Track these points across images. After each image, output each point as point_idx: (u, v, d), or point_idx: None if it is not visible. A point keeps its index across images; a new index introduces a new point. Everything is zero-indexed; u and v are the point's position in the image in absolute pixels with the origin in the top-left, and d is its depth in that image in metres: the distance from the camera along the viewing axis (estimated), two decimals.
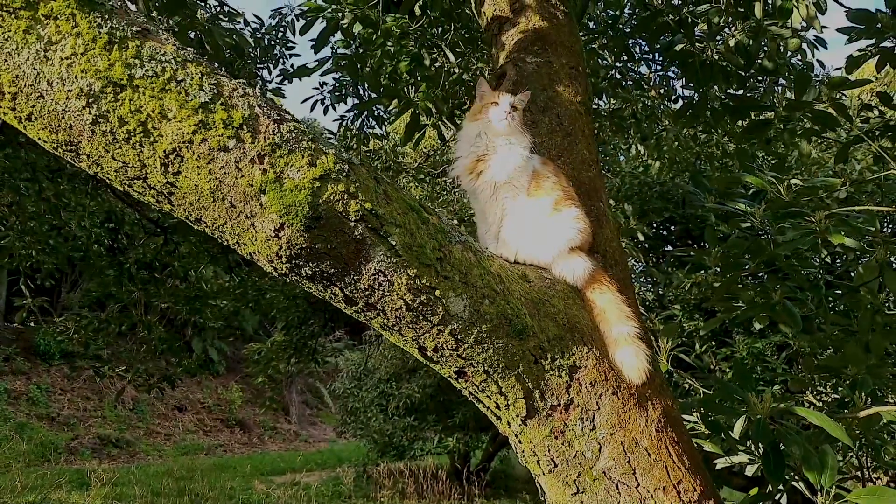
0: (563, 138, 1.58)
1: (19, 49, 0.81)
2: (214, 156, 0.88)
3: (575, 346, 1.20)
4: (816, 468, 1.50)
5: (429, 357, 1.11)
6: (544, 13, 1.83)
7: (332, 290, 1.00)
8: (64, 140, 0.86)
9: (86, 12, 0.84)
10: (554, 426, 1.17)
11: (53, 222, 6.87)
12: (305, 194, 0.91)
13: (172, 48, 0.89)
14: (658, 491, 1.17)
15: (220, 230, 0.94)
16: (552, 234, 1.27)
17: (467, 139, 1.34)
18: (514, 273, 1.20)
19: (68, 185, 6.74)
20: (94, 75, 0.82)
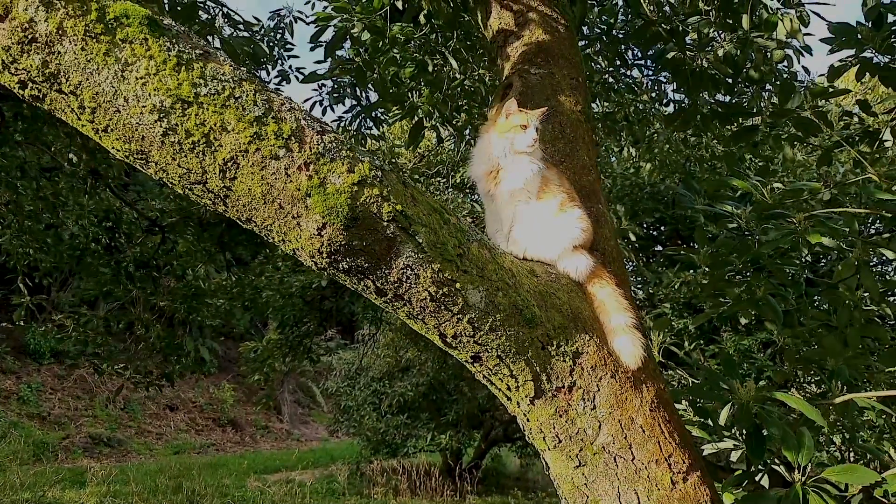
0: (566, 145, 1.72)
1: (100, 69, 0.93)
2: (267, 163, 1.00)
3: (578, 334, 1.33)
4: (794, 448, 1.64)
5: (448, 343, 1.24)
6: (546, 27, 1.97)
7: (365, 283, 1.13)
8: (136, 149, 0.98)
9: (156, 37, 0.96)
10: (558, 406, 1.30)
11: (51, 221, 6.92)
12: (345, 197, 1.03)
13: (230, 68, 1.01)
14: (651, 463, 1.30)
15: (268, 229, 1.06)
16: (558, 233, 1.40)
17: (487, 148, 1.46)
18: (523, 268, 1.34)
19: (66, 184, 6.80)
20: (166, 93, 0.94)
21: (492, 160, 1.44)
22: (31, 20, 0.89)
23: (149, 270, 7.00)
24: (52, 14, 0.90)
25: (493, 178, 1.43)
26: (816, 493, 1.60)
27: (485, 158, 1.46)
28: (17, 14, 0.89)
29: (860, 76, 2.74)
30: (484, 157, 1.47)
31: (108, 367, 6.39)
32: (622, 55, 3.90)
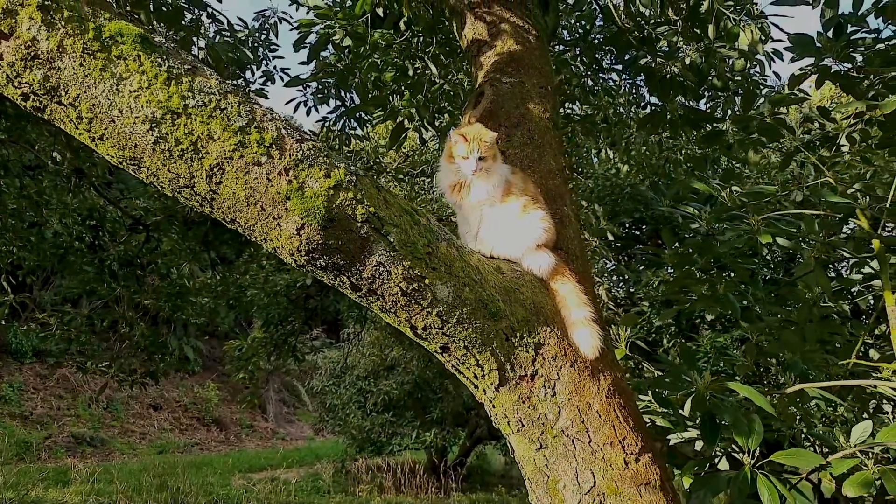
0: (534, 150, 1.82)
1: (96, 83, 1.02)
2: (250, 169, 1.10)
3: (540, 326, 1.44)
4: (744, 433, 1.76)
5: (419, 335, 1.34)
6: (518, 37, 2.07)
7: (341, 279, 1.23)
8: (129, 156, 1.07)
9: (148, 53, 1.05)
10: (521, 393, 1.41)
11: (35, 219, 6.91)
12: (322, 200, 1.13)
13: (216, 82, 1.11)
14: (606, 445, 1.42)
15: (251, 229, 1.16)
16: (522, 233, 1.51)
17: (447, 170, 1.58)
18: (489, 266, 1.44)
19: (50, 183, 6.80)
20: (157, 105, 1.04)
21: (455, 176, 1.55)
22: (33, 38, 0.98)
23: (133, 269, 7.03)
24: (52, 33, 0.99)
25: (459, 191, 1.54)
26: (764, 476, 1.72)
27: (449, 175, 1.58)
28: (20, 33, 0.98)
29: (819, 84, 2.88)
30: (448, 174, 1.58)
31: (93, 366, 6.41)
32: (598, 60, 4.02)
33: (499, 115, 1.87)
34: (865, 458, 1.94)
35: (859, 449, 1.96)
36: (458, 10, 2.16)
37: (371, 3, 2.69)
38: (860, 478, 1.83)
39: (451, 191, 1.57)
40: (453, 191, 1.56)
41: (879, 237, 2.20)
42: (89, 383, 17.79)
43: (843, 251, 2.64)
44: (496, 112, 1.87)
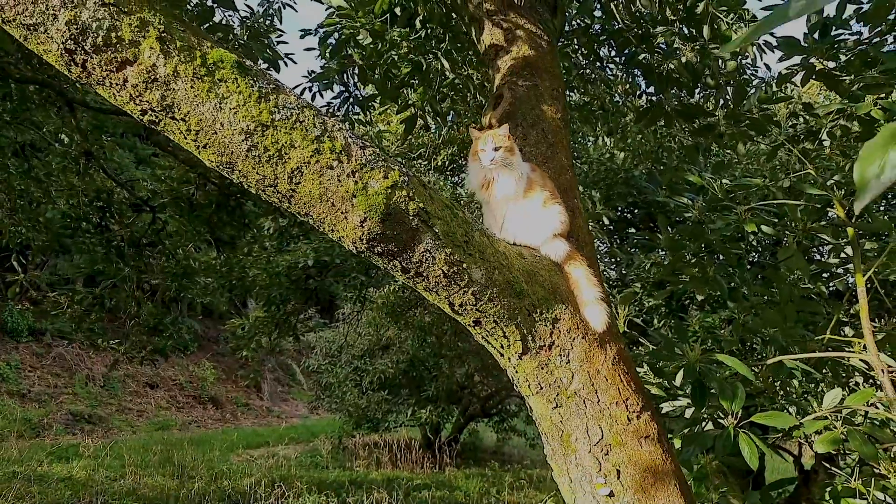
0: (547, 148, 2.05)
1: (203, 102, 1.23)
2: (323, 172, 1.32)
3: (556, 304, 1.68)
4: (729, 398, 2.02)
5: (455, 310, 1.58)
6: (532, 43, 2.29)
7: (394, 263, 1.46)
8: (226, 161, 1.29)
9: (243, 76, 1.26)
10: (541, 360, 1.66)
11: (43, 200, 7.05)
12: (382, 198, 1.36)
13: (294, 98, 1.33)
14: (612, 404, 1.67)
15: (321, 221, 1.38)
16: (542, 224, 1.74)
17: (475, 170, 1.82)
18: (514, 252, 1.68)
19: (58, 165, 6.94)
20: (251, 119, 1.25)
21: (482, 175, 1.79)
22: (153, 65, 1.19)
23: (139, 249, 7.20)
24: (169, 60, 1.20)
25: (486, 188, 1.78)
26: (745, 433, 1.99)
27: (477, 175, 1.81)
28: (143, 60, 1.19)
29: (805, 82, 3.11)
30: (476, 174, 1.82)
31: (104, 343, 6.61)
32: (597, 53, 4.23)
33: (516, 116, 2.09)
34: (835, 421, 2.22)
35: (830, 412, 2.22)
36: (476, 17, 2.36)
37: (389, 1, 2.88)
38: (829, 436, 2.10)
39: (479, 189, 1.80)
40: (482, 188, 1.79)
41: (853, 224, 2.45)
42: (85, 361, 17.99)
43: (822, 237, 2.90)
44: (514, 113, 2.10)
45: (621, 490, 1.64)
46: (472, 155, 1.87)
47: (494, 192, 1.80)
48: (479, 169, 1.83)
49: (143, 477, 9.06)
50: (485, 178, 1.80)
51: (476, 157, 1.84)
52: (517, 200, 1.76)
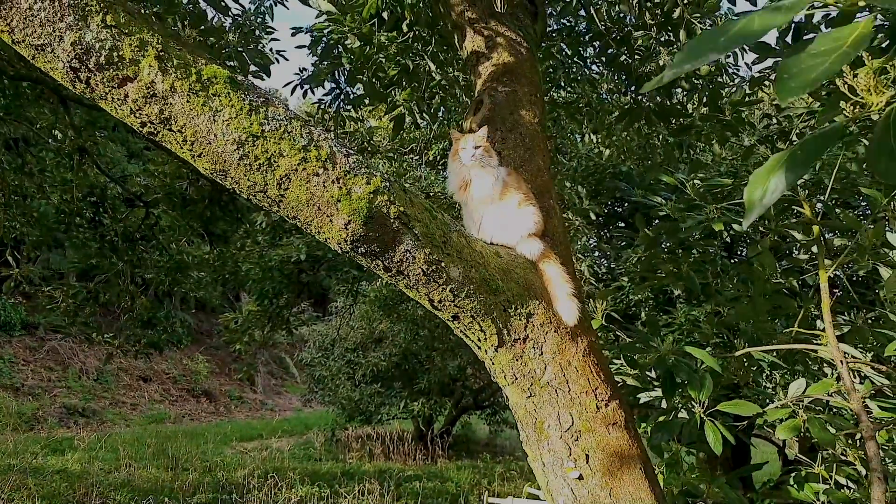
0: (525, 151, 2.16)
1: (198, 115, 1.33)
2: (310, 179, 1.43)
3: (531, 300, 1.79)
4: (696, 387, 2.15)
5: (435, 306, 1.69)
6: (511, 50, 2.39)
7: (376, 262, 1.56)
8: (219, 169, 1.39)
9: (235, 90, 1.36)
10: (515, 352, 1.77)
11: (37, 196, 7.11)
12: (364, 202, 1.46)
13: (283, 110, 1.43)
14: (582, 394, 1.79)
15: (308, 224, 1.49)
16: (517, 225, 1.86)
17: (455, 172, 1.93)
18: (490, 251, 1.79)
19: (52, 160, 7.00)
20: (242, 131, 1.36)
21: (461, 177, 1.90)
22: (152, 81, 1.29)
23: (133, 244, 7.28)
24: (166, 77, 1.30)
25: (464, 189, 1.89)
26: (710, 420, 2.12)
27: (456, 176, 1.92)
28: (142, 77, 1.29)
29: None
30: (455, 175, 1.93)
31: (99, 337, 6.69)
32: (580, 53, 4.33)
33: (496, 121, 2.20)
34: (799, 409, 2.35)
35: (793, 401, 2.35)
36: (459, 24, 2.47)
37: (377, 6, 2.97)
38: (790, 423, 2.24)
39: (458, 191, 1.91)
40: (460, 190, 1.91)
41: (818, 223, 2.58)
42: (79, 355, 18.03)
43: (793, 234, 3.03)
44: (493, 118, 2.20)
45: (590, 473, 1.76)
46: (453, 155, 1.99)
47: (472, 193, 1.91)
48: (458, 170, 1.94)
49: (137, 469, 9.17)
50: (463, 180, 1.91)
51: (456, 157, 1.95)
52: (494, 202, 1.87)
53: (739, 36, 0.52)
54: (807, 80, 0.46)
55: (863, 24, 0.50)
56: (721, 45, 0.53)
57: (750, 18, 0.52)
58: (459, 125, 7.75)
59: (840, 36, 0.51)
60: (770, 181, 0.63)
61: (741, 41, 0.52)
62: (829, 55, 0.48)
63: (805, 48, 0.51)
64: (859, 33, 0.49)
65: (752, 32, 0.51)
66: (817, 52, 0.49)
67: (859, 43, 0.49)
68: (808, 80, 0.46)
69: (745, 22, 0.52)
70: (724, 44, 0.52)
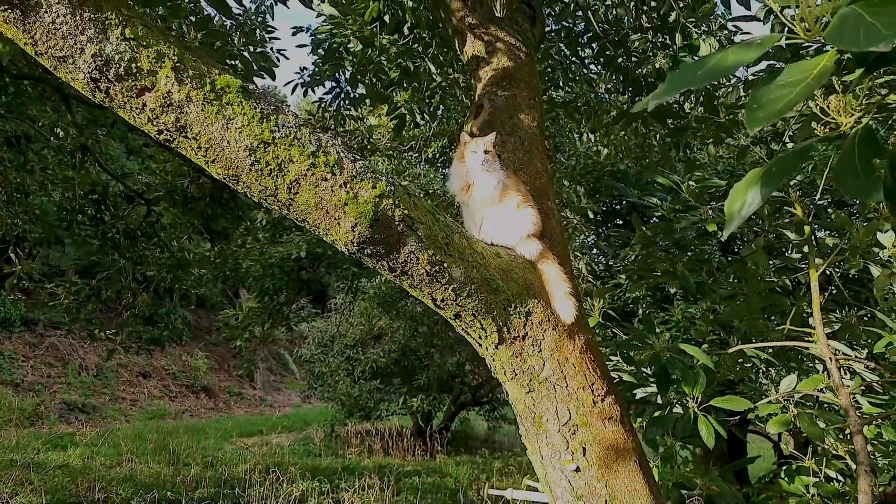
0: (524, 154, 2.22)
1: (212, 123, 1.39)
2: (319, 183, 1.49)
3: (529, 299, 1.86)
4: (690, 383, 2.22)
5: (437, 305, 1.76)
6: (510, 55, 2.45)
7: (381, 263, 1.63)
8: (231, 174, 1.45)
9: (247, 99, 1.42)
10: (515, 350, 1.84)
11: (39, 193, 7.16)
12: (371, 206, 1.53)
13: (292, 118, 1.49)
14: (579, 389, 1.86)
15: (316, 226, 1.55)
16: (516, 226, 1.92)
17: (458, 174, 1.99)
18: (491, 252, 1.85)
19: (54, 158, 7.04)
20: (254, 138, 1.42)
21: (464, 178, 1.96)
22: (168, 91, 1.35)
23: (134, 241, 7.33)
24: (182, 87, 1.36)
25: (466, 191, 1.95)
26: (703, 415, 2.19)
27: (459, 178, 1.98)
28: (160, 87, 1.35)
29: None
30: (458, 177, 1.99)
31: (101, 333, 6.76)
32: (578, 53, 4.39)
33: (495, 125, 2.26)
34: (790, 404, 2.42)
35: (784, 396, 2.43)
36: (459, 30, 2.52)
37: (378, 10, 3.03)
38: (781, 418, 2.31)
39: (460, 192, 1.98)
40: (462, 191, 1.97)
41: (808, 223, 2.65)
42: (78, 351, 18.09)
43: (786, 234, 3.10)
44: (493, 122, 2.26)
45: (587, 465, 1.83)
46: (459, 157, 2.04)
47: (474, 195, 1.97)
48: (461, 172, 2.00)
49: (138, 464, 9.24)
50: (466, 182, 1.97)
51: (463, 159, 2.01)
52: (494, 204, 1.93)
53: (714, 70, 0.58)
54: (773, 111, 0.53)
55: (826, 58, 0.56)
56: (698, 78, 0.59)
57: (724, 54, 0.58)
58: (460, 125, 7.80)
59: (806, 68, 0.57)
60: (748, 194, 0.70)
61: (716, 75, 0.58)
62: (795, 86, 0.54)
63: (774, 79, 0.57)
64: (823, 66, 0.55)
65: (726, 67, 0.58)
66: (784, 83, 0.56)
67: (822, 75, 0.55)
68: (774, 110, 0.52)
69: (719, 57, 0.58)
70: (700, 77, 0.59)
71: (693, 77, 0.59)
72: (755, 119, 0.54)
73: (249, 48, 3.21)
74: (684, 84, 0.59)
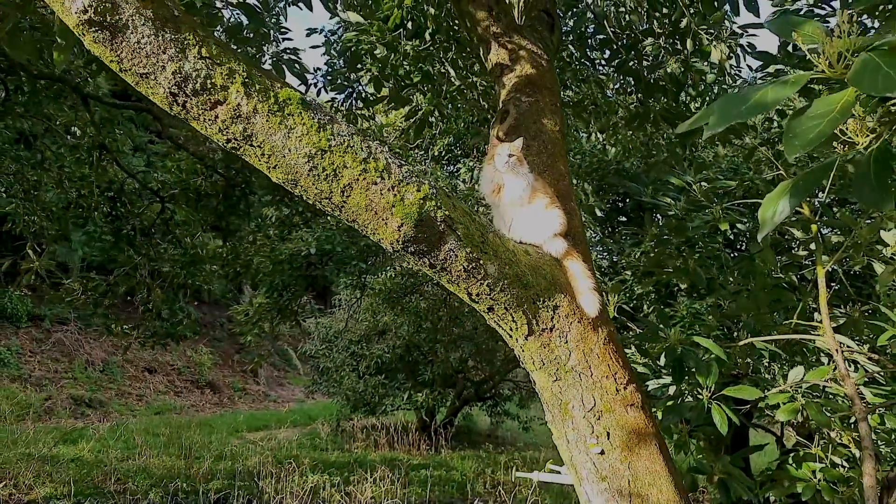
0: (547, 158, 2.36)
1: (276, 132, 1.53)
2: (369, 187, 1.62)
3: (556, 293, 1.99)
4: (704, 374, 2.35)
5: (472, 299, 1.89)
6: (533, 62, 2.58)
7: (423, 260, 1.76)
8: (290, 178, 1.58)
9: (306, 110, 1.56)
10: (543, 341, 1.97)
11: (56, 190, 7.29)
12: (416, 207, 1.66)
13: (345, 126, 1.62)
14: (603, 378, 1.99)
15: (365, 226, 1.69)
16: (544, 225, 2.06)
17: (487, 176, 2.13)
18: (521, 249, 1.99)
19: (71, 157, 7.18)
20: (312, 145, 1.55)
21: (494, 181, 2.10)
22: (238, 104, 1.48)
23: (149, 238, 7.47)
24: (250, 100, 1.49)
25: (497, 193, 2.09)
26: (717, 404, 2.32)
27: (489, 181, 2.12)
28: (230, 101, 1.48)
29: None
30: (488, 180, 2.13)
31: (117, 328, 6.90)
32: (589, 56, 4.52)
33: (520, 130, 2.39)
34: (797, 394, 2.56)
35: (792, 386, 2.56)
36: (485, 38, 2.65)
37: (401, 17, 3.16)
38: (789, 407, 2.45)
39: (491, 194, 2.11)
40: (493, 193, 2.10)
41: (816, 221, 2.78)
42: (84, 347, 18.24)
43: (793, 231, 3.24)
44: (518, 127, 2.40)
45: (610, 448, 1.97)
46: (488, 161, 2.17)
47: (504, 196, 2.11)
48: (492, 175, 2.14)
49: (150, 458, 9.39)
50: (497, 184, 2.11)
51: (491, 162, 2.14)
52: (523, 205, 2.07)
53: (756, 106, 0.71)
54: (807, 140, 0.65)
55: (847, 93, 0.69)
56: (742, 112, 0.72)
57: (764, 91, 0.71)
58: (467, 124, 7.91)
59: (831, 102, 0.70)
60: (779, 204, 0.83)
61: (759, 110, 0.71)
62: (823, 118, 0.67)
63: (806, 111, 0.70)
64: (845, 101, 0.68)
65: (767, 103, 0.70)
66: (814, 114, 0.68)
67: (846, 109, 0.67)
68: (808, 139, 0.65)
69: (761, 94, 0.71)
70: (745, 112, 0.71)
71: (739, 111, 0.72)
72: (793, 147, 0.67)
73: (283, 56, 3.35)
74: (731, 118, 0.72)
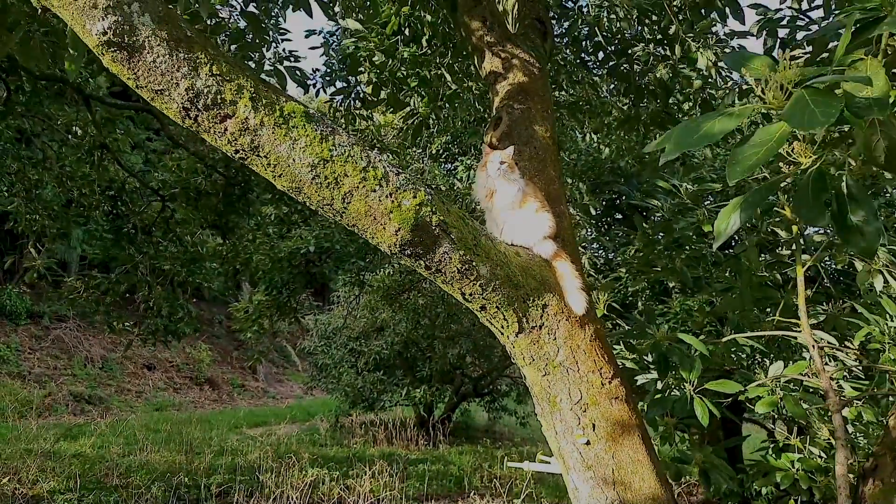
0: (538, 163, 2.47)
1: (281, 143, 1.63)
2: (368, 194, 1.73)
3: (546, 293, 2.11)
4: (687, 369, 2.47)
5: (465, 298, 2.00)
6: (525, 70, 2.69)
7: (419, 262, 1.87)
8: (294, 186, 1.69)
9: (309, 122, 1.67)
10: (533, 338, 2.09)
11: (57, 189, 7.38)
12: (412, 213, 1.77)
13: (346, 137, 1.73)
14: (590, 373, 2.11)
15: (364, 231, 1.80)
16: (534, 229, 2.17)
17: (480, 182, 2.25)
18: (512, 251, 2.10)
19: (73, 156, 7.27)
20: (315, 155, 1.66)
21: (488, 187, 2.22)
22: (246, 118, 1.59)
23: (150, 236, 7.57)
24: (257, 114, 1.60)
25: (489, 197, 2.21)
26: (699, 397, 2.44)
27: (482, 186, 2.24)
28: (239, 114, 1.59)
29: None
30: (481, 185, 2.24)
31: (119, 325, 7.00)
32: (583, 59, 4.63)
33: (512, 136, 2.50)
34: (776, 388, 2.68)
35: (772, 380, 2.68)
36: (479, 47, 2.76)
37: (398, 24, 3.27)
38: (768, 399, 2.57)
39: (484, 198, 2.23)
40: (486, 198, 2.22)
41: (796, 222, 2.89)
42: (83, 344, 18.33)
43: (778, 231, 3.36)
44: (511, 133, 2.51)
45: (596, 439, 2.09)
46: (482, 166, 2.29)
47: (496, 201, 2.22)
48: (485, 181, 2.25)
49: (151, 453, 9.50)
50: (489, 190, 2.22)
51: (485, 167, 2.26)
52: (514, 209, 2.18)
53: (705, 136, 0.82)
54: (746, 167, 0.76)
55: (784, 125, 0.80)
56: (693, 141, 0.83)
57: (712, 123, 0.82)
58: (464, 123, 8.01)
59: (770, 132, 0.80)
60: (731, 217, 0.94)
61: (707, 140, 0.82)
62: (762, 147, 0.78)
63: (749, 140, 0.81)
64: (781, 132, 0.79)
65: (714, 134, 0.81)
66: (755, 143, 0.79)
67: (782, 139, 0.78)
68: (746, 166, 0.76)
69: (709, 126, 0.82)
70: (695, 141, 0.82)
71: (690, 141, 0.83)
72: (735, 172, 0.78)
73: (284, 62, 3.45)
74: (685, 146, 0.83)
